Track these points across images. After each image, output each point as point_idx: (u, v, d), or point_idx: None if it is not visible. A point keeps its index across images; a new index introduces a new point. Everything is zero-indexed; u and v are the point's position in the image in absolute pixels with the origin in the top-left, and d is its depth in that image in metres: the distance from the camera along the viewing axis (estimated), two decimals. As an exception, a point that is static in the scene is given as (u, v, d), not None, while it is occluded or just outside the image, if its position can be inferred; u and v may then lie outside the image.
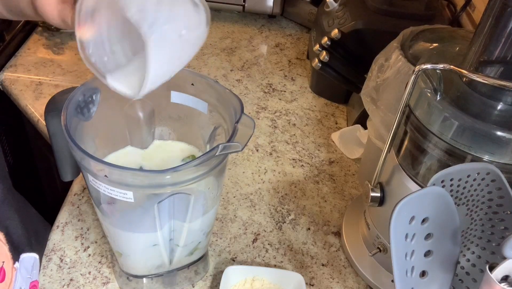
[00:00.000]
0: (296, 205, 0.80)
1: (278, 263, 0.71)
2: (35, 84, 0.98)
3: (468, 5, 1.01)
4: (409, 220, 0.44)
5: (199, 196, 0.55)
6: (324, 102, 1.03)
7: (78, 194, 0.77)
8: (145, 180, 0.50)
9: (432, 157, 0.55)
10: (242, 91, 1.03)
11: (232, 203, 0.79)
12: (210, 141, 0.62)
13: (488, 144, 0.50)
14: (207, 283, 0.68)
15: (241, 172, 0.85)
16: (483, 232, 0.49)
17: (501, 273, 0.38)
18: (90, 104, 0.55)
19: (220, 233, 0.74)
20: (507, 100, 0.50)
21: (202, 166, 0.50)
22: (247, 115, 0.52)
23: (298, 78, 1.09)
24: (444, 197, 0.46)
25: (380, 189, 0.63)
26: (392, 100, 0.63)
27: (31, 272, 0.58)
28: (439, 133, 0.53)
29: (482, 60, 0.51)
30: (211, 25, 1.23)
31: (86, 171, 0.50)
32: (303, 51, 1.17)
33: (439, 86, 0.52)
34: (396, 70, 0.62)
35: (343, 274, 0.71)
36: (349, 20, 0.90)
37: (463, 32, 0.68)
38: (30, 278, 0.58)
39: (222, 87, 0.57)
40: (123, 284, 0.65)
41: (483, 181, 0.47)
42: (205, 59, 1.11)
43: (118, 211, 0.55)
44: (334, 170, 0.86)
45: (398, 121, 0.56)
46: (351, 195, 0.83)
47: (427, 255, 0.47)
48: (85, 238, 0.71)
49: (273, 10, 1.21)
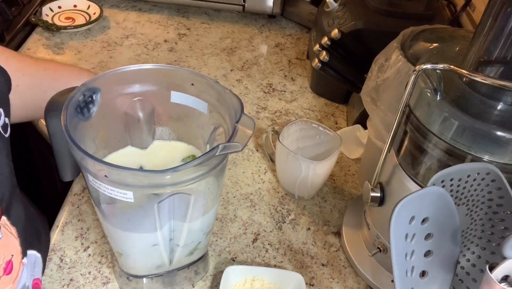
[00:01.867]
0: (296, 205, 0.80)
1: (278, 263, 0.71)
2: (35, 84, 0.98)
3: (468, 5, 1.01)
4: (409, 220, 0.44)
5: (199, 196, 0.55)
6: (324, 102, 1.03)
7: (78, 194, 0.77)
8: (145, 180, 0.50)
9: (432, 157, 0.55)
10: (242, 91, 1.03)
11: (232, 203, 0.79)
12: (210, 141, 0.62)
13: (488, 144, 0.50)
14: (207, 283, 0.68)
15: (241, 172, 0.85)
16: (483, 232, 0.49)
17: (501, 273, 0.38)
18: (90, 104, 0.55)
19: (220, 233, 0.74)
20: (507, 100, 0.50)
21: (202, 166, 0.50)
22: (247, 115, 0.52)
23: (298, 78, 1.09)
24: (444, 197, 0.46)
25: (380, 189, 0.63)
26: (392, 100, 0.63)
27: (34, 270, 0.59)
28: (439, 133, 0.53)
29: (482, 60, 0.51)
30: (211, 25, 1.23)
31: (86, 171, 0.50)
32: (303, 51, 1.18)
33: (439, 86, 0.52)
34: (396, 70, 0.62)
35: (343, 274, 0.71)
36: (349, 20, 0.90)
37: (463, 32, 0.68)
38: (32, 275, 0.58)
39: (222, 87, 0.57)
40: (123, 284, 0.65)
41: (483, 181, 0.47)
42: (205, 59, 1.11)
43: (118, 211, 0.55)
44: (334, 170, 0.86)
45: (398, 121, 0.56)
46: (351, 195, 0.83)
47: (427, 255, 0.47)
48: (85, 238, 0.71)
49: (273, 10, 1.21)
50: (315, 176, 0.76)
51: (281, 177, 0.82)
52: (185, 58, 1.11)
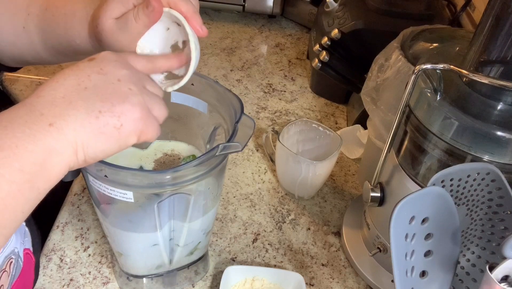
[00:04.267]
0: (296, 205, 0.80)
1: (278, 263, 0.71)
2: (35, 84, 0.98)
3: (468, 5, 1.01)
4: (409, 220, 0.44)
5: (199, 196, 0.55)
6: (324, 102, 1.03)
7: (78, 194, 0.77)
8: (145, 180, 0.50)
9: (432, 157, 0.55)
10: (242, 91, 1.03)
11: (232, 203, 0.79)
12: (210, 141, 0.62)
13: (488, 144, 0.50)
14: (207, 283, 0.68)
15: (241, 172, 0.85)
16: (483, 232, 0.49)
17: (501, 273, 0.38)
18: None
19: (220, 233, 0.74)
20: (507, 100, 0.50)
21: (202, 166, 0.50)
22: (247, 115, 0.52)
23: (298, 78, 1.09)
24: (444, 197, 0.46)
25: (380, 189, 0.63)
26: (392, 100, 0.63)
27: (24, 239, 0.58)
28: (439, 133, 0.53)
29: (482, 60, 0.51)
30: (211, 25, 1.23)
31: (86, 171, 0.50)
32: (303, 51, 1.18)
33: (439, 86, 0.52)
34: (396, 70, 0.62)
35: (343, 274, 0.71)
36: (349, 20, 0.90)
37: (463, 32, 0.69)
38: (23, 244, 0.57)
39: (222, 87, 0.57)
40: (123, 284, 0.65)
41: (483, 181, 0.47)
42: (205, 59, 1.11)
43: (118, 211, 0.55)
44: (334, 170, 0.86)
45: (398, 121, 0.56)
46: (351, 195, 0.83)
47: (427, 255, 0.47)
48: (85, 238, 0.71)
49: (273, 10, 1.21)
50: (315, 176, 0.76)
51: (281, 177, 0.82)
52: (185, 58, 1.11)
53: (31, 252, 0.60)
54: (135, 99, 0.41)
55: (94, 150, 0.40)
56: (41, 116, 0.37)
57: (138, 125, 0.41)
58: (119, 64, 0.42)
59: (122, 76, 0.42)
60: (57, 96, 0.39)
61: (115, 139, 0.41)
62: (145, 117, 0.42)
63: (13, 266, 0.54)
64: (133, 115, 0.41)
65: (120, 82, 0.41)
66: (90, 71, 0.41)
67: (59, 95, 0.39)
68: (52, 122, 0.37)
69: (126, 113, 0.40)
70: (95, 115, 0.39)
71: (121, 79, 0.41)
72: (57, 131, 0.37)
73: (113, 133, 0.40)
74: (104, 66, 0.41)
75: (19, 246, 0.56)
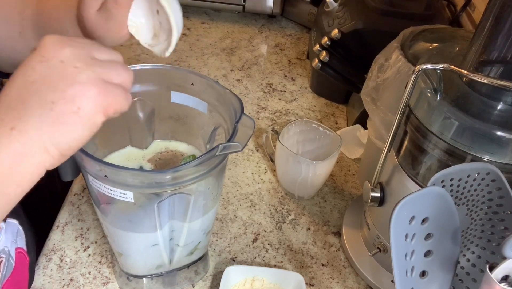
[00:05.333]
0: (296, 205, 0.80)
1: (278, 263, 0.71)
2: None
3: (468, 5, 1.01)
4: (409, 220, 0.44)
5: (199, 196, 0.55)
6: (324, 102, 1.03)
7: (78, 194, 0.77)
8: (145, 180, 0.50)
9: (432, 157, 0.55)
10: (242, 91, 1.03)
11: (232, 203, 0.79)
12: (210, 141, 0.62)
13: (488, 144, 0.50)
14: (207, 283, 0.68)
15: (241, 172, 0.85)
16: (483, 232, 0.49)
17: (501, 273, 0.38)
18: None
19: (220, 233, 0.74)
20: (507, 100, 0.50)
21: (202, 166, 0.50)
22: (247, 115, 0.52)
23: (298, 78, 1.09)
24: (444, 197, 0.46)
25: (380, 189, 0.63)
26: (392, 100, 0.63)
27: (16, 238, 0.57)
28: (439, 133, 0.53)
29: (482, 60, 0.51)
30: (211, 25, 1.23)
31: (86, 171, 0.50)
32: (303, 51, 1.18)
33: (439, 86, 0.52)
34: (396, 70, 0.62)
35: (343, 274, 0.71)
36: (349, 20, 0.90)
37: (463, 32, 0.69)
38: (15, 242, 0.56)
39: (222, 87, 0.57)
40: (123, 284, 0.65)
41: (483, 181, 0.47)
42: (205, 59, 1.11)
43: (118, 211, 0.55)
44: (334, 170, 0.86)
45: (398, 121, 0.56)
46: (351, 195, 0.83)
47: (427, 255, 0.47)
48: (85, 238, 0.71)
49: (273, 10, 1.21)
50: (315, 176, 0.76)
51: (281, 177, 0.82)
52: (185, 58, 1.11)
53: (25, 251, 0.59)
54: (84, 76, 0.38)
55: (64, 142, 0.38)
56: (1, 122, 0.36)
57: (98, 101, 0.39)
58: (58, 44, 0.39)
59: (65, 56, 0.39)
60: (12, 99, 0.37)
61: (80, 124, 0.39)
62: (104, 91, 0.39)
63: (3, 265, 0.54)
64: (88, 93, 0.38)
65: (63, 64, 0.38)
66: (34, 62, 0.39)
67: (14, 97, 0.37)
68: (13, 126, 0.36)
69: (79, 94, 0.38)
70: (49, 108, 0.37)
71: (64, 60, 0.38)
72: (20, 134, 0.36)
73: (74, 119, 0.38)
74: (44, 53, 0.39)
75: (10, 245, 0.55)
